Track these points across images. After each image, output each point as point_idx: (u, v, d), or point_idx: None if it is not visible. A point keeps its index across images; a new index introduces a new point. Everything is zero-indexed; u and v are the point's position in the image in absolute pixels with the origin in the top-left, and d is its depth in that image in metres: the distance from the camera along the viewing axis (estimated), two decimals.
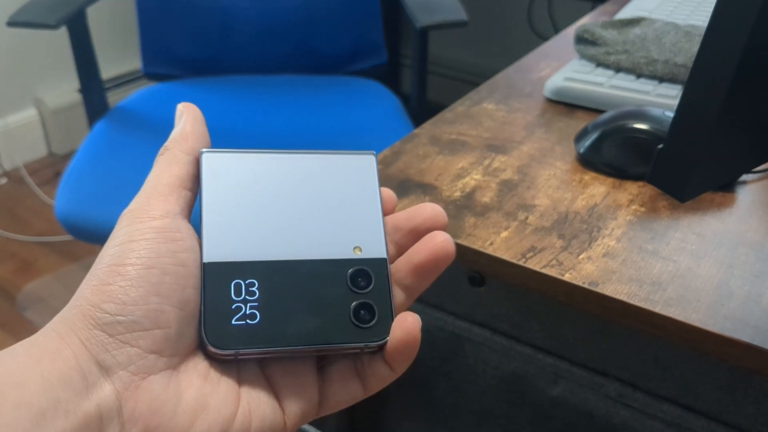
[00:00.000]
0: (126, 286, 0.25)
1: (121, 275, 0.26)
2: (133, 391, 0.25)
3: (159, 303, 0.26)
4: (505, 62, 0.85)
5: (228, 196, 0.30)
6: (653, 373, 0.42)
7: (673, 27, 0.69)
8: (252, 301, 0.28)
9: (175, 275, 0.26)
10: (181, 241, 0.27)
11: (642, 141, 0.51)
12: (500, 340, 0.48)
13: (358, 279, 0.29)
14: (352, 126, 1.20)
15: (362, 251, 0.30)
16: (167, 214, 0.28)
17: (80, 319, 0.25)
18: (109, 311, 0.25)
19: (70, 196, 1.00)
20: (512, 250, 0.44)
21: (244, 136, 1.16)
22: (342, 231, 0.30)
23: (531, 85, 0.68)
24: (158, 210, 0.28)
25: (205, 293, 0.27)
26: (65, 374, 0.24)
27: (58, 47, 1.93)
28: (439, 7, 1.17)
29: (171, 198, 0.28)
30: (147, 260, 0.26)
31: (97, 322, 0.25)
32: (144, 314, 0.25)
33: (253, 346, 0.27)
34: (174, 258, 0.27)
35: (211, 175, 0.30)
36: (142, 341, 0.25)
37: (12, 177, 1.97)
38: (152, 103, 1.26)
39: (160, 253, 0.26)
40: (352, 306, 0.28)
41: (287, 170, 0.31)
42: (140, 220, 0.27)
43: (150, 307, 0.26)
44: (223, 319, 0.27)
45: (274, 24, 1.36)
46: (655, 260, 0.43)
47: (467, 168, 0.54)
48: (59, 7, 1.11)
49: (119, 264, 0.26)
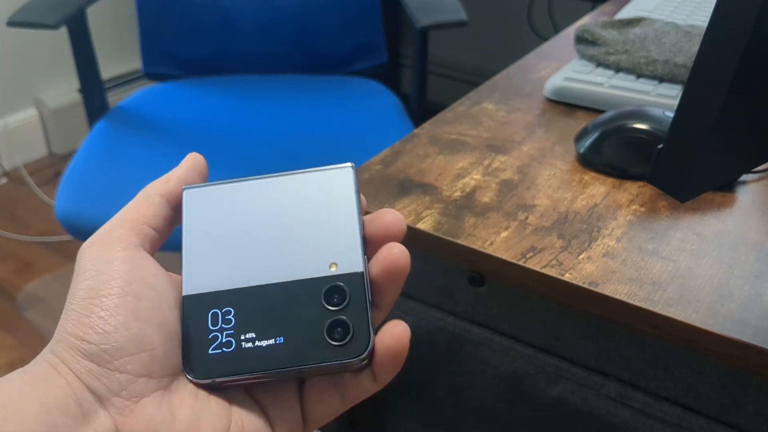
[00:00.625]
0: (105, 316, 0.26)
1: (98, 306, 0.26)
2: (128, 416, 0.26)
3: (140, 327, 0.26)
4: (505, 62, 0.85)
5: (206, 228, 0.30)
6: (653, 373, 0.42)
7: (673, 27, 0.69)
8: (228, 329, 0.28)
9: (149, 299, 0.27)
10: (146, 268, 0.28)
11: (642, 141, 0.51)
12: (500, 340, 0.48)
13: (332, 296, 0.28)
14: (352, 126, 1.20)
15: (338, 267, 0.29)
16: (128, 247, 0.28)
17: (67, 351, 0.26)
18: (94, 341, 0.26)
19: (70, 196, 1.00)
20: (512, 250, 0.44)
21: (244, 136, 1.16)
22: (318, 249, 0.30)
23: (531, 85, 0.68)
24: (119, 243, 0.28)
25: (184, 326, 0.28)
26: (61, 400, 0.25)
27: (58, 47, 1.93)
28: (439, 7, 1.17)
29: (131, 233, 0.29)
30: (119, 289, 0.27)
31: (84, 353, 0.26)
32: (127, 339, 0.26)
33: (228, 374, 0.27)
34: (144, 283, 0.27)
35: (191, 211, 0.31)
36: (130, 366, 0.26)
37: (12, 177, 1.97)
38: (152, 103, 1.26)
39: (131, 281, 0.27)
40: (326, 324, 0.28)
41: (264, 195, 0.31)
42: (105, 252, 0.28)
43: (132, 332, 0.26)
44: (201, 349, 0.28)
45: (274, 24, 1.36)
46: (655, 260, 0.43)
47: (467, 168, 0.54)
48: (59, 7, 1.11)
49: (94, 297, 0.27)
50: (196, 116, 1.22)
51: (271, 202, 0.31)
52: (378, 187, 0.51)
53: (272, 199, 0.31)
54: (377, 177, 0.52)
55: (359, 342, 0.28)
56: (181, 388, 0.27)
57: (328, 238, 0.30)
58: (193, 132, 1.17)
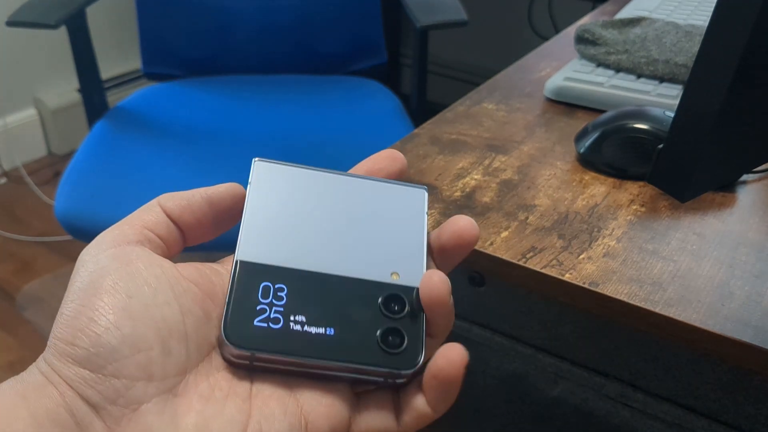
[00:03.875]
0: (95, 317, 0.24)
1: (87, 307, 0.25)
2: (125, 426, 0.24)
3: (132, 326, 0.25)
4: (505, 62, 0.85)
5: (271, 203, 0.30)
6: (653, 373, 0.42)
7: (673, 27, 0.69)
8: (278, 305, 0.27)
9: (141, 296, 0.25)
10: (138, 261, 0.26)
11: (642, 141, 0.51)
12: (500, 340, 0.48)
13: (391, 304, 0.28)
14: (352, 126, 1.20)
15: (399, 277, 0.29)
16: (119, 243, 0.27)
17: (58, 359, 0.24)
18: (84, 345, 0.24)
19: (69, 196, 1.00)
20: (512, 250, 0.44)
21: (243, 135, 1.16)
22: (382, 255, 0.29)
23: (531, 85, 0.68)
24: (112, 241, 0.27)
25: (233, 290, 0.27)
26: (52, 411, 0.23)
27: (58, 47, 1.93)
28: (439, 7, 1.17)
29: (127, 232, 0.28)
30: (110, 287, 0.25)
31: (75, 359, 0.24)
32: (120, 341, 0.24)
33: (270, 350, 0.26)
34: (137, 278, 0.26)
35: (258, 182, 0.30)
36: (125, 370, 0.24)
37: (12, 177, 1.97)
38: (152, 103, 1.26)
39: (121, 277, 0.26)
40: (381, 329, 0.27)
41: (335, 189, 0.31)
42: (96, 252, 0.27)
43: (124, 332, 0.24)
44: (246, 318, 0.26)
45: (274, 24, 1.36)
46: (655, 260, 0.43)
47: (467, 168, 0.53)
48: (59, 7, 1.11)
49: (83, 298, 0.25)
50: (196, 116, 1.22)
51: (343, 197, 0.31)
52: None
53: (342, 195, 0.31)
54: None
55: (411, 355, 0.27)
56: (190, 391, 0.25)
57: (393, 247, 0.30)
58: (193, 132, 1.17)
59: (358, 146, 1.12)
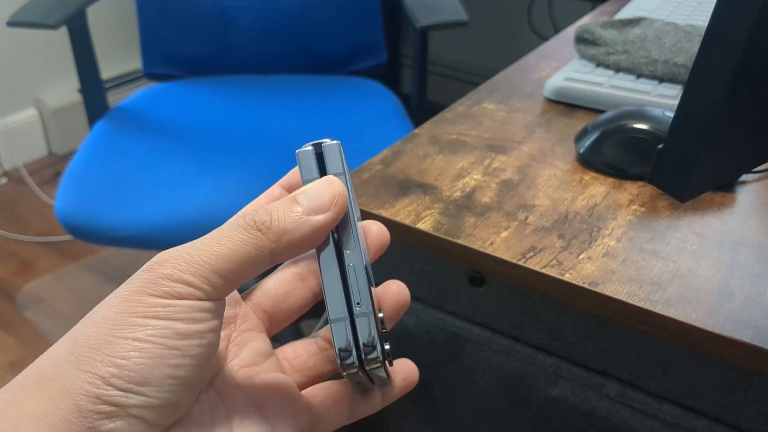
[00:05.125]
0: (142, 364, 0.23)
1: (138, 351, 0.23)
2: None
3: (173, 386, 0.23)
4: (505, 62, 0.85)
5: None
6: (653, 373, 0.42)
7: (673, 27, 0.69)
8: None
9: (197, 358, 0.24)
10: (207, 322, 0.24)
11: (642, 141, 0.51)
12: (500, 340, 0.48)
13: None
14: (352, 126, 1.20)
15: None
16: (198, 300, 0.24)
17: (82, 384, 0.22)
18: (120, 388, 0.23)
19: (70, 196, 1.00)
20: (512, 250, 0.44)
21: (243, 135, 1.16)
22: None
23: (531, 85, 0.68)
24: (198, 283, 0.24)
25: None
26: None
27: (58, 47, 1.93)
28: (439, 7, 1.17)
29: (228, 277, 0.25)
30: (168, 340, 0.23)
31: (102, 399, 0.22)
32: (156, 395, 0.23)
33: None
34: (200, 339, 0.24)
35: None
36: (147, 414, 0.23)
37: (12, 177, 1.97)
38: (152, 103, 1.26)
39: (186, 334, 0.24)
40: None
41: None
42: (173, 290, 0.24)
43: (164, 390, 0.23)
44: None
45: (274, 24, 1.36)
46: (655, 260, 0.43)
47: (467, 168, 0.53)
48: (59, 7, 1.12)
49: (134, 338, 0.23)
50: (196, 116, 1.22)
51: None
52: (378, 187, 0.51)
53: None
54: (377, 177, 0.52)
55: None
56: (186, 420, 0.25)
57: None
58: (193, 132, 1.17)
59: (359, 146, 1.12)
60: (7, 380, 0.24)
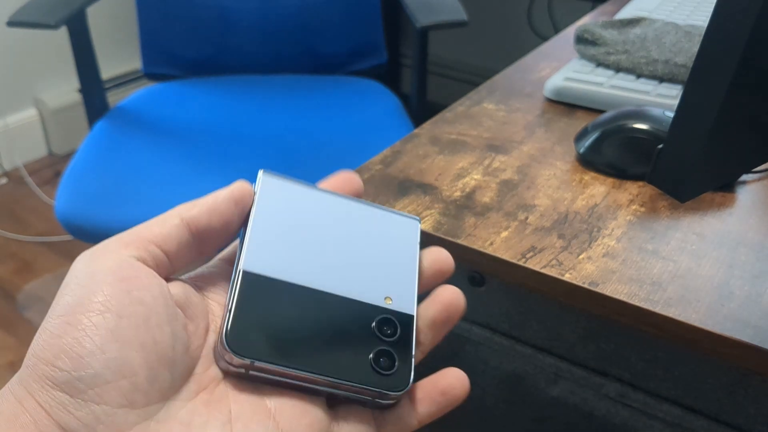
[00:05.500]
0: (80, 337, 0.23)
1: (72, 325, 0.23)
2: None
3: (119, 350, 0.23)
4: (505, 62, 0.85)
5: (275, 217, 0.30)
6: (653, 373, 0.42)
7: (673, 27, 0.69)
8: (278, 318, 0.27)
9: (133, 317, 0.24)
10: (136, 279, 0.25)
11: (642, 141, 0.51)
12: (500, 340, 0.48)
13: (384, 327, 0.29)
14: (352, 126, 1.20)
15: (392, 302, 0.30)
16: (118, 258, 0.25)
17: (35, 380, 0.23)
18: (65, 368, 0.22)
19: (69, 196, 1.00)
20: (512, 250, 0.44)
21: (243, 135, 1.16)
22: (377, 279, 0.31)
23: (531, 85, 0.68)
24: (111, 255, 0.25)
25: (236, 300, 0.27)
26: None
27: (58, 47, 1.93)
28: (439, 7, 1.17)
29: (130, 247, 0.26)
30: (98, 305, 0.23)
31: (54, 382, 0.22)
32: (104, 365, 0.23)
33: (269, 360, 0.26)
34: (129, 297, 0.24)
35: (263, 194, 0.31)
36: (107, 396, 0.23)
37: (12, 177, 1.97)
38: (152, 103, 1.26)
39: (113, 295, 0.24)
40: (375, 351, 0.28)
41: (336, 210, 0.32)
42: (93, 264, 0.25)
43: (109, 356, 0.23)
44: (247, 328, 0.26)
45: (274, 24, 1.36)
46: (655, 260, 0.43)
47: (467, 168, 0.53)
48: (59, 7, 1.12)
49: (69, 314, 0.23)
50: (196, 116, 1.22)
51: (342, 219, 0.32)
52: (378, 187, 0.51)
53: (342, 217, 0.32)
54: (377, 177, 0.52)
55: (400, 378, 0.28)
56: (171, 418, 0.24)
57: (388, 273, 0.31)
58: (193, 132, 1.17)
59: (359, 146, 1.12)
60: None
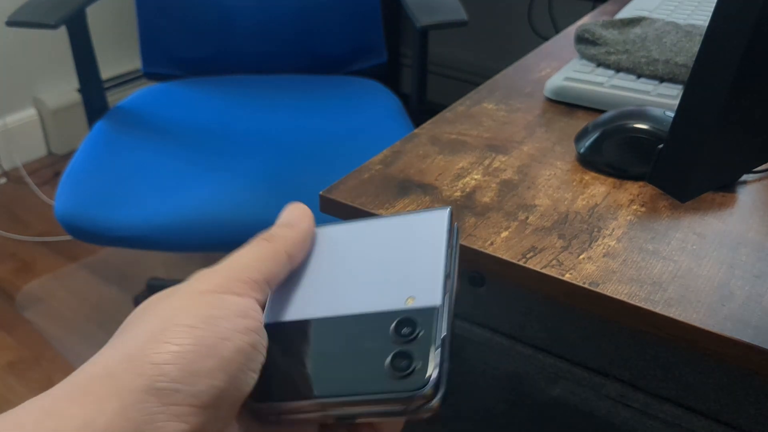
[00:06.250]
0: (195, 352, 0.22)
1: (192, 336, 0.22)
2: None
3: (225, 381, 0.23)
4: (505, 62, 0.85)
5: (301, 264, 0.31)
6: (653, 373, 0.42)
7: (673, 27, 0.69)
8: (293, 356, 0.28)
9: (246, 355, 0.24)
10: (254, 320, 0.25)
11: (642, 141, 0.51)
12: (500, 340, 0.48)
13: (401, 328, 0.28)
14: (352, 126, 1.20)
15: (415, 301, 0.29)
16: (248, 298, 0.26)
17: (131, 378, 0.21)
18: (171, 376, 0.22)
19: (69, 196, 1.00)
20: (512, 250, 0.44)
21: (243, 136, 1.16)
22: (398, 283, 0.30)
23: (531, 85, 0.68)
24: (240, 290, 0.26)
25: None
26: None
27: (58, 47, 1.93)
28: (439, 7, 1.17)
29: (257, 288, 0.27)
30: (225, 330, 0.23)
31: (152, 386, 0.21)
32: (207, 389, 0.22)
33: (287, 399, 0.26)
34: (249, 337, 0.24)
35: None
36: (193, 418, 0.22)
37: (11, 177, 1.97)
38: (152, 103, 1.26)
39: (238, 328, 0.24)
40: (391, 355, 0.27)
41: (354, 236, 0.32)
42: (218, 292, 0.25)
43: (215, 383, 0.22)
44: (267, 375, 0.27)
45: (274, 24, 1.36)
46: (655, 260, 0.43)
47: (467, 168, 0.53)
48: (59, 7, 1.11)
49: (188, 325, 0.23)
50: (196, 116, 1.22)
51: (363, 241, 0.32)
52: (378, 187, 0.51)
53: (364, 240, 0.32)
54: (377, 177, 0.52)
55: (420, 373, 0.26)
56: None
57: (410, 273, 0.30)
58: (193, 132, 1.17)
59: (359, 146, 1.12)
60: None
